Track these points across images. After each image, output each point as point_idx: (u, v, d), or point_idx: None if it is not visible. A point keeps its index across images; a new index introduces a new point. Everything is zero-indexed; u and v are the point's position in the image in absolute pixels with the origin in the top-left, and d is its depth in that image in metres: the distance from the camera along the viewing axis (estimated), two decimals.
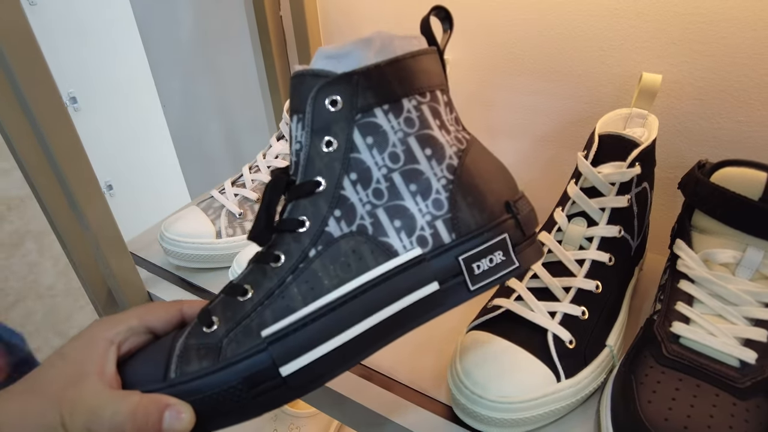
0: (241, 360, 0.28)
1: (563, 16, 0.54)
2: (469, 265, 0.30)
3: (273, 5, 0.74)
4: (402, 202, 0.31)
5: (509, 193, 0.34)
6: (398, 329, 0.30)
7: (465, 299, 0.31)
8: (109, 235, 0.52)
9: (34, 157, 0.50)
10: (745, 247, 0.37)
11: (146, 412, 0.26)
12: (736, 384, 0.34)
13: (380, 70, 0.30)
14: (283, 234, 0.31)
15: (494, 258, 0.31)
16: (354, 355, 0.29)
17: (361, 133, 0.30)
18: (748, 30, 0.46)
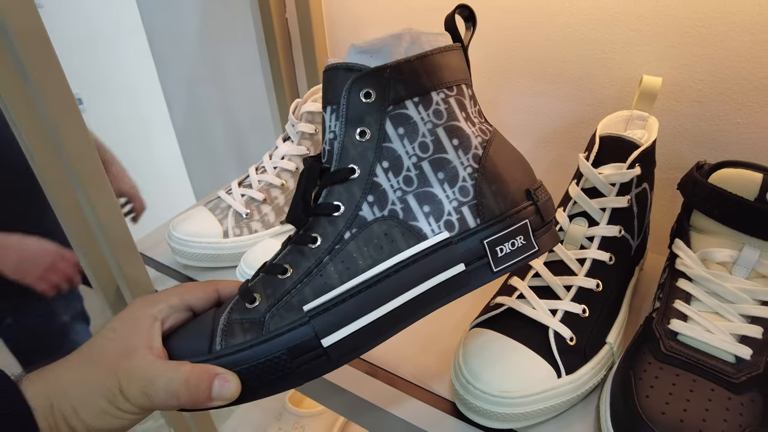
0: (285, 332, 0.30)
1: (565, 21, 0.55)
2: (493, 248, 0.32)
3: (279, 7, 0.75)
4: (431, 189, 0.33)
5: (529, 181, 0.36)
6: (427, 307, 0.32)
7: (488, 280, 0.33)
8: (118, 234, 0.53)
9: (45, 157, 0.51)
10: (741, 247, 0.38)
11: (198, 379, 0.29)
12: (732, 379, 0.35)
13: (411, 64, 0.32)
14: (318, 218, 0.33)
15: (516, 242, 0.33)
16: (388, 329, 0.31)
17: (393, 124, 0.32)
18: (746, 34, 0.47)
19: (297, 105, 0.63)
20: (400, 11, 0.66)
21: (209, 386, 0.29)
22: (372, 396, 0.44)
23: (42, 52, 0.42)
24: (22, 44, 0.41)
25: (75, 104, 0.46)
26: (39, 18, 0.41)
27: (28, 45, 0.41)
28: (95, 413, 0.28)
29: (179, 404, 0.29)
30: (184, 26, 0.94)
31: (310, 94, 0.62)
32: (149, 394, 0.28)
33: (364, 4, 0.69)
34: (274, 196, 0.61)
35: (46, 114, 0.44)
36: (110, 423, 0.29)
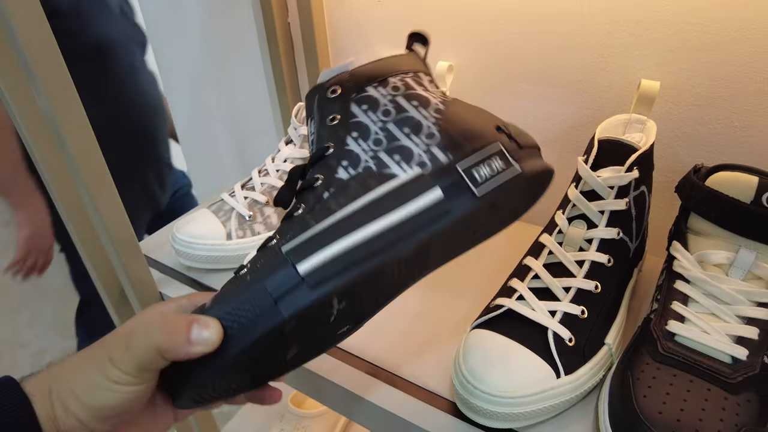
0: (263, 274, 0.30)
1: (564, 25, 0.56)
2: (469, 171, 0.32)
3: (281, 11, 0.75)
4: (399, 142, 0.34)
5: (497, 121, 0.36)
6: (409, 238, 0.31)
7: (473, 206, 0.32)
8: (123, 236, 0.54)
9: (51, 160, 0.52)
10: (737, 249, 0.39)
11: (176, 323, 0.28)
12: (728, 379, 0.35)
13: (370, 64, 0.37)
14: (302, 192, 0.35)
15: (493, 164, 0.33)
16: (368, 258, 0.30)
17: (357, 104, 0.36)
18: (743, 39, 0.47)
19: (299, 108, 0.63)
20: (401, 16, 0.67)
21: (188, 329, 0.28)
22: (373, 396, 0.44)
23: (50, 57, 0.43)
24: (26, 43, 0.41)
25: (81, 107, 0.46)
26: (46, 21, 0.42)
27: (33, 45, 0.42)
28: (89, 390, 0.29)
29: (159, 350, 0.28)
30: (187, 30, 0.95)
31: None
32: (129, 347, 0.28)
33: (366, 9, 0.69)
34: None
35: (50, 114, 0.45)
36: (104, 397, 0.28)
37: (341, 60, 0.76)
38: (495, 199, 0.33)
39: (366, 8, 0.69)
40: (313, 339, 0.35)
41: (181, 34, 0.96)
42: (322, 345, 0.38)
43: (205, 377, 0.30)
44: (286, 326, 0.29)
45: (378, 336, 0.50)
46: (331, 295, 0.29)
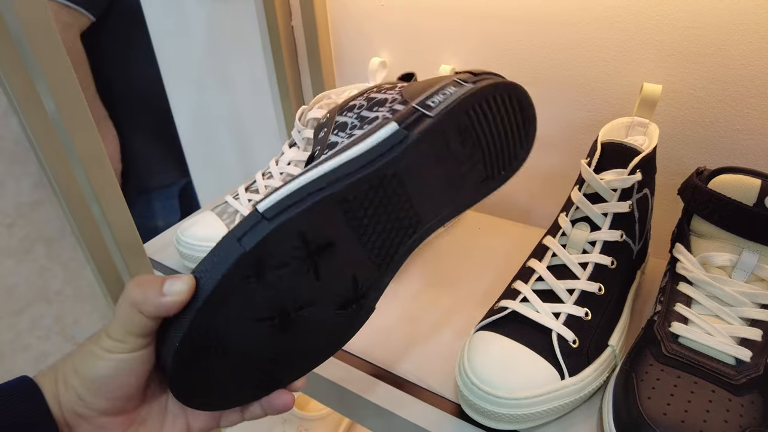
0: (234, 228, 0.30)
1: (566, 29, 0.56)
2: (423, 102, 0.33)
3: (285, 15, 0.76)
4: (369, 117, 0.37)
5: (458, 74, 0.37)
6: (369, 166, 0.31)
7: (430, 126, 0.32)
8: (127, 238, 0.54)
9: (56, 161, 0.52)
10: (740, 251, 0.39)
11: (150, 279, 0.29)
12: (732, 381, 0.35)
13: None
14: None
15: (446, 91, 0.34)
16: (323, 188, 0.30)
17: (339, 114, 0.43)
18: (745, 42, 0.48)
19: (303, 111, 0.64)
20: (404, 19, 0.67)
21: (160, 284, 0.28)
22: (377, 398, 0.45)
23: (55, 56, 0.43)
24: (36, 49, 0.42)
25: (86, 109, 0.46)
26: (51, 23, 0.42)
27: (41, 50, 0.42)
28: (85, 361, 0.29)
29: (134, 304, 0.28)
30: (191, 34, 0.95)
31: (316, 100, 0.63)
32: (115, 313, 0.29)
33: (369, 12, 0.70)
34: None
35: (58, 119, 0.45)
36: (96, 367, 0.29)
37: (344, 63, 0.77)
38: (455, 119, 0.33)
39: (369, 11, 0.70)
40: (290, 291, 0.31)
41: (185, 37, 0.97)
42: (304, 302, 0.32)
43: (181, 329, 0.28)
44: (249, 260, 0.28)
45: (382, 338, 0.50)
46: (290, 228, 0.29)
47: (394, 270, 0.35)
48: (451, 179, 0.35)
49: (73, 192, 0.54)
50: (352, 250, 0.32)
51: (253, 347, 0.31)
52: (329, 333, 0.34)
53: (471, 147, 0.35)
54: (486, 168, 0.36)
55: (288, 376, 0.34)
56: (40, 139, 0.50)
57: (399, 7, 0.67)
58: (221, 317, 0.29)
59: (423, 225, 0.35)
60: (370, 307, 0.35)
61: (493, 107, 0.35)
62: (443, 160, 0.34)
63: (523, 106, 0.37)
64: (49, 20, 0.42)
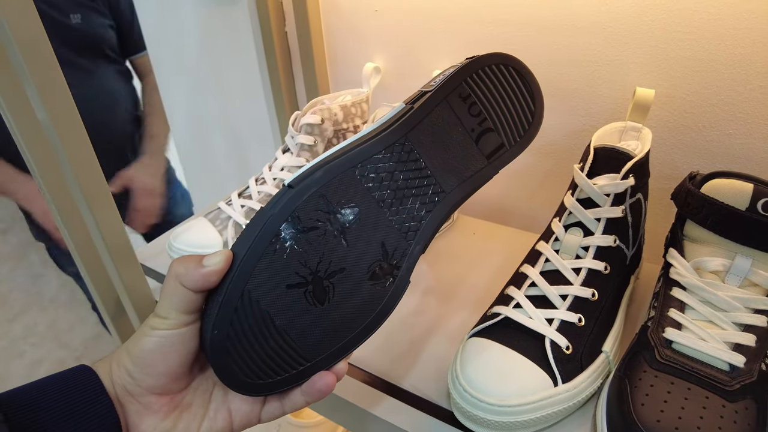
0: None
1: (560, 34, 0.56)
2: (428, 84, 0.38)
3: (278, 21, 0.76)
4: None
5: None
6: (378, 136, 0.34)
7: (431, 97, 0.36)
8: (119, 245, 0.54)
9: (47, 168, 0.52)
10: (733, 256, 0.39)
11: (192, 257, 0.31)
12: (726, 387, 0.35)
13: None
14: None
15: (446, 73, 0.38)
16: (339, 156, 0.33)
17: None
18: (736, 47, 0.48)
19: (296, 117, 0.63)
20: (398, 24, 0.67)
21: (200, 258, 0.30)
22: (370, 405, 0.44)
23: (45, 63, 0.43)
24: (26, 55, 0.42)
25: (77, 115, 0.46)
26: (42, 28, 0.42)
27: (31, 56, 0.42)
28: (135, 339, 0.31)
29: (177, 277, 0.30)
30: (185, 39, 0.95)
31: (309, 106, 0.63)
32: (162, 292, 0.31)
33: (363, 17, 0.70)
34: None
35: (49, 126, 0.45)
36: (142, 342, 0.31)
37: (338, 68, 0.77)
38: (455, 89, 0.36)
39: (363, 17, 0.70)
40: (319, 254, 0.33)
41: (180, 43, 0.97)
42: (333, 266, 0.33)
43: (219, 298, 0.30)
44: (277, 223, 0.31)
45: (375, 345, 0.50)
46: (312, 191, 0.32)
47: (424, 240, 0.36)
48: (466, 147, 0.37)
49: (64, 199, 0.54)
50: (377, 215, 0.34)
51: (290, 318, 0.32)
52: (365, 306, 0.34)
53: (478, 114, 0.37)
54: (500, 135, 0.38)
55: (328, 355, 0.34)
56: (30, 145, 0.50)
57: (393, 13, 0.67)
58: (255, 283, 0.31)
59: (446, 193, 0.36)
60: (404, 279, 0.35)
61: (490, 75, 0.37)
62: (453, 127, 0.36)
63: (522, 74, 0.39)
64: (39, 27, 0.42)
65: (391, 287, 0.35)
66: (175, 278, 0.30)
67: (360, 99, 0.65)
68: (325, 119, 0.62)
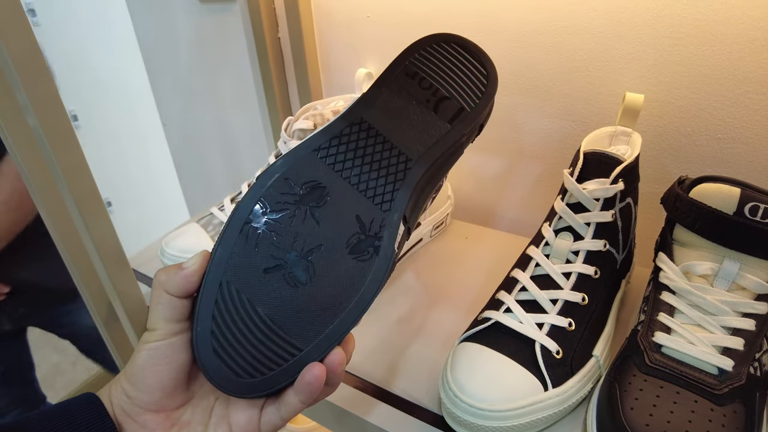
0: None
1: (549, 40, 0.57)
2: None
3: (271, 27, 0.76)
4: None
5: None
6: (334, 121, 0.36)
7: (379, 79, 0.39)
8: (111, 251, 0.54)
9: (39, 174, 0.52)
10: (722, 260, 0.39)
11: (172, 265, 0.32)
12: (714, 390, 0.35)
13: None
14: None
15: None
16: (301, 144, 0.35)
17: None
18: (724, 52, 0.48)
19: (289, 122, 0.63)
20: (390, 30, 0.67)
21: (180, 265, 0.31)
22: (362, 410, 0.44)
23: (37, 71, 0.43)
24: (17, 63, 0.42)
25: (69, 122, 0.46)
26: (33, 37, 0.42)
27: (22, 64, 0.42)
28: (131, 358, 0.31)
29: (160, 285, 0.30)
30: (179, 45, 0.95)
31: (302, 111, 0.63)
32: (149, 303, 0.31)
33: (356, 23, 0.70)
34: None
35: (41, 133, 0.45)
36: (135, 358, 0.31)
37: (331, 74, 0.77)
38: (401, 69, 0.39)
39: (355, 23, 0.70)
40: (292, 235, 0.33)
41: (174, 49, 0.97)
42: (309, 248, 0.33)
43: (199, 300, 0.31)
44: (246, 209, 0.32)
45: (366, 350, 0.50)
46: (275, 176, 0.33)
47: (401, 208, 0.35)
48: (425, 116, 0.38)
49: (55, 205, 0.54)
50: (346, 192, 0.35)
51: (274, 304, 0.31)
52: (351, 281, 0.33)
53: (429, 87, 0.39)
54: (457, 101, 0.39)
55: (319, 341, 0.32)
56: (21, 151, 0.50)
57: (384, 19, 0.67)
58: (232, 272, 0.31)
59: (413, 161, 0.36)
60: (387, 249, 0.34)
61: (432, 52, 0.40)
62: (408, 102, 0.38)
63: (461, 44, 0.41)
64: (32, 37, 0.42)
65: (375, 259, 0.34)
66: (159, 287, 0.30)
67: None
68: (317, 125, 0.62)
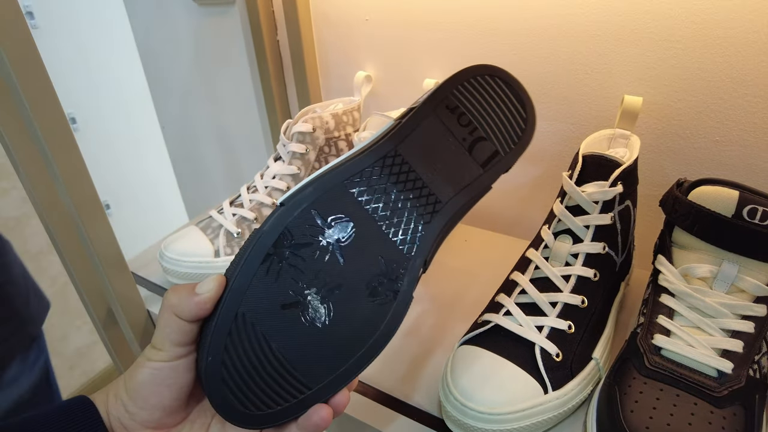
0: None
1: (548, 43, 0.57)
2: (416, 101, 0.39)
3: (270, 30, 0.76)
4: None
5: None
6: (371, 152, 0.34)
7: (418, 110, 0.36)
8: (110, 254, 0.53)
9: (38, 177, 0.52)
10: (720, 262, 0.39)
11: (184, 285, 0.30)
12: (714, 393, 0.35)
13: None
14: None
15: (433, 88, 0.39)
16: (331, 171, 0.33)
17: None
18: (722, 56, 0.48)
19: (288, 125, 0.64)
20: (388, 33, 0.67)
21: (192, 287, 0.30)
22: (361, 414, 0.44)
23: (36, 74, 0.43)
24: (15, 66, 0.42)
25: (68, 125, 0.46)
26: (32, 40, 0.42)
27: (21, 67, 0.42)
28: (131, 371, 0.30)
29: (171, 308, 0.29)
30: (178, 48, 0.95)
31: (301, 114, 0.63)
32: (157, 323, 0.30)
33: (354, 26, 0.70)
34: (265, 215, 0.62)
35: (39, 136, 0.45)
36: (137, 374, 0.30)
37: (330, 77, 0.77)
38: (442, 101, 0.36)
39: (354, 26, 0.70)
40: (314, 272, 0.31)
41: (172, 52, 0.97)
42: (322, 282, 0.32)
43: (213, 322, 0.30)
44: (269, 241, 0.30)
45: None
46: (304, 207, 0.31)
47: (423, 253, 0.34)
48: (459, 156, 0.36)
49: (55, 209, 0.54)
50: (372, 229, 0.33)
51: (288, 341, 0.30)
52: (366, 324, 0.32)
53: (468, 124, 0.37)
54: (493, 143, 0.37)
55: (329, 382, 0.31)
56: (21, 155, 0.50)
57: (383, 22, 0.67)
58: (248, 304, 0.30)
59: (443, 204, 0.35)
60: (406, 294, 0.33)
61: (476, 85, 0.37)
62: (444, 138, 0.36)
63: (508, 82, 0.39)
64: (31, 41, 0.42)
65: (393, 303, 0.33)
66: (168, 309, 0.29)
67: (351, 107, 0.65)
68: (316, 128, 0.62)
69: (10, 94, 0.45)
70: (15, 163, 0.51)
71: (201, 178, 1.13)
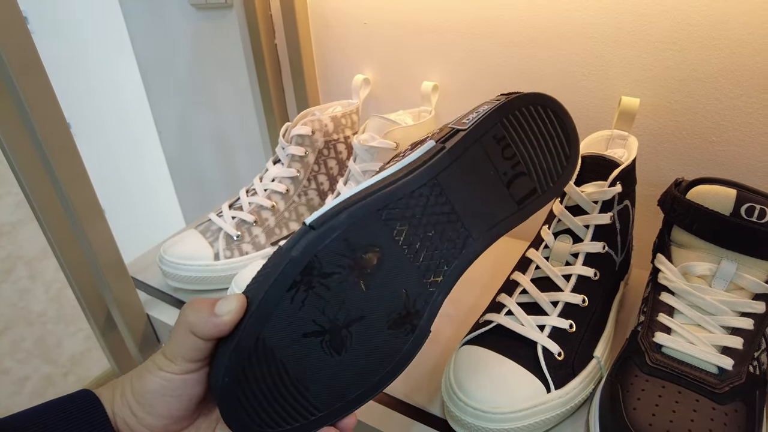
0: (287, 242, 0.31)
1: (546, 45, 0.57)
2: (460, 122, 0.36)
3: (268, 34, 0.76)
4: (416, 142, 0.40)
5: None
6: (410, 178, 0.32)
7: (464, 137, 0.34)
8: (109, 258, 0.53)
9: (37, 181, 0.51)
10: (719, 260, 0.40)
11: (201, 301, 0.30)
12: (715, 390, 0.36)
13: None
14: None
15: (480, 110, 0.37)
16: (364, 197, 0.31)
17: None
18: (717, 57, 0.49)
19: (287, 128, 0.64)
20: (386, 37, 0.68)
21: (212, 304, 0.29)
22: (363, 414, 0.44)
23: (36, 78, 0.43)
24: (16, 69, 0.42)
25: (68, 130, 0.46)
26: (32, 43, 0.42)
27: (22, 70, 0.42)
28: (139, 375, 0.30)
29: (188, 326, 0.29)
30: (175, 51, 0.95)
31: (300, 117, 0.63)
32: (171, 335, 0.30)
33: (352, 30, 0.71)
34: (265, 218, 0.62)
35: (39, 139, 0.45)
36: (146, 381, 0.30)
37: (328, 80, 0.77)
38: (490, 130, 0.34)
39: (352, 29, 0.70)
40: (339, 302, 0.31)
41: (170, 56, 0.97)
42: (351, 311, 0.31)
43: (231, 345, 0.29)
44: (297, 268, 0.29)
45: None
46: (335, 235, 0.30)
47: (447, 290, 0.34)
48: (497, 191, 0.35)
49: (54, 212, 0.53)
50: (400, 261, 0.32)
51: (305, 367, 0.30)
52: (383, 355, 0.32)
53: (512, 157, 0.35)
54: (532, 180, 0.36)
55: (341, 406, 0.32)
56: (19, 159, 0.50)
57: (381, 25, 0.68)
58: (270, 330, 0.29)
59: (473, 240, 0.34)
60: (424, 329, 0.33)
61: (527, 115, 0.35)
62: (485, 170, 0.34)
63: (560, 116, 0.37)
64: (31, 44, 0.42)
65: (411, 337, 0.33)
66: (185, 326, 0.29)
67: (350, 110, 0.66)
68: (315, 130, 0.62)
69: (10, 97, 0.45)
70: (13, 167, 0.51)
71: (198, 183, 1.13)
